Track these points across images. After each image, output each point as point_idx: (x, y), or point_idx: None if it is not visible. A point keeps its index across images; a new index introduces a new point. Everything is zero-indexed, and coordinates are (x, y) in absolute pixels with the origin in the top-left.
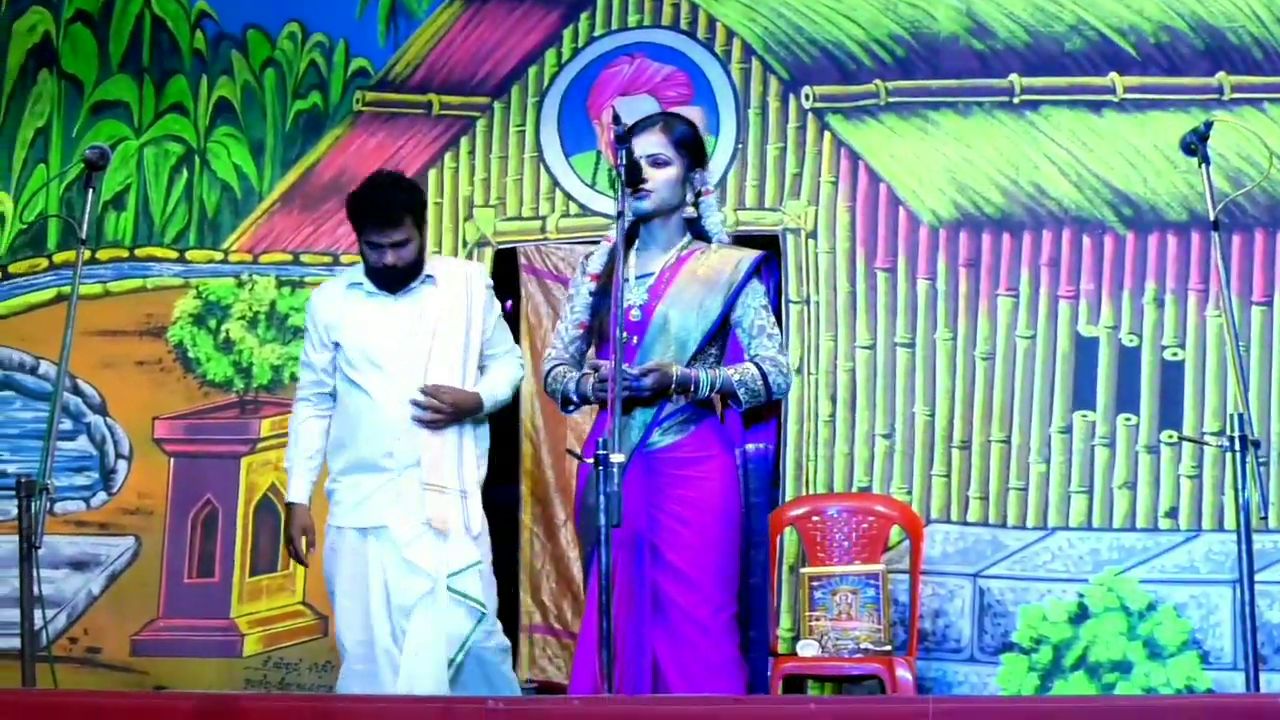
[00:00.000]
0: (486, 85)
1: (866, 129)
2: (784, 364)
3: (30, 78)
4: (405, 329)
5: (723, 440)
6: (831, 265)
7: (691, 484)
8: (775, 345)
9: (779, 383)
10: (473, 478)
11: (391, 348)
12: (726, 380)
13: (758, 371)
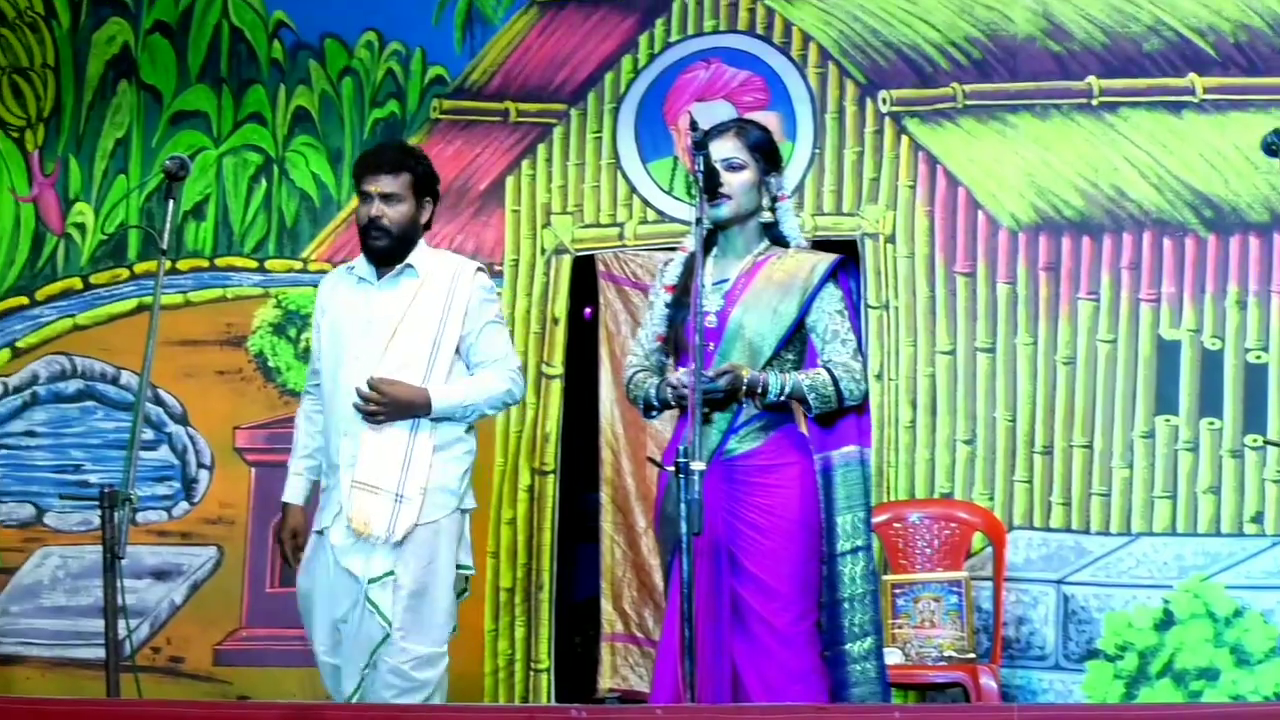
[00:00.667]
0: (563, 92)
1: (944, 132)
2: (857, 370)
3: (110, 89)
4: (374, 319)
5: (800, 447)
6: (910, 270)
7: (768, 491)
8: (849, 350)
9: (850, 389)
10: (417, 483)
11: (355, 339)
12: (797, 384)
13: (829, 377)
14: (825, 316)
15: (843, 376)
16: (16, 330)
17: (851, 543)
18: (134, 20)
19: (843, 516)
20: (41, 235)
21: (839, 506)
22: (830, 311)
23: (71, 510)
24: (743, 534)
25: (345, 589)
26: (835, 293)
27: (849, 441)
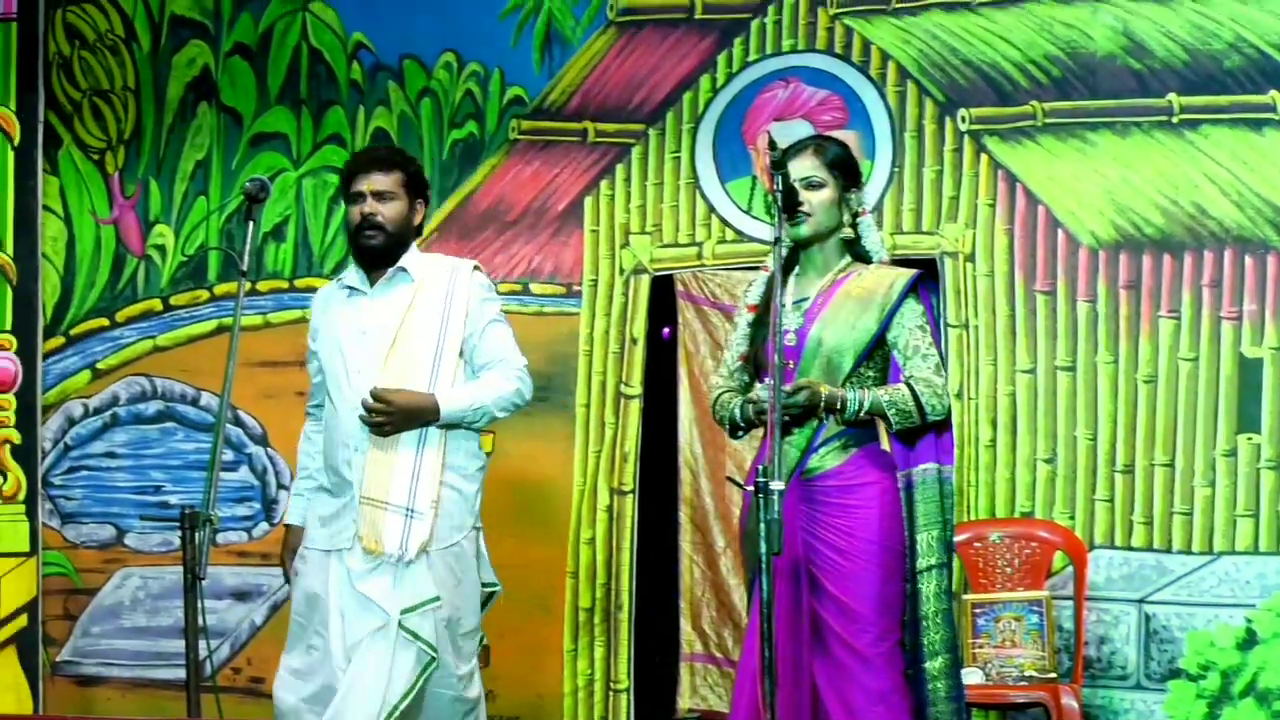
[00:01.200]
0: (642, 112)
1: (1024, 150)
2: (939, 385)
3: (190, 111)
4: (371, 329)
5: (882, 465)
6: (990, 289)
7: (847, 512)
8: (930, 365)
9: (932, 404)
10: (428, 497)
11: (353, 351)
12: (876, 400)
13: (909, 393)
14: (906, 332)
15: (924, 392)
16: (97, 351)
17: (927, 560)
18: (214, 43)
19: (922, 534)
20: (122, 257)
21: (919, 524)
22: (911, 327)
23: (152, 531)
24: (822, 554)
25: (361, 615)
26: (916, 308)
27: (927, 459)
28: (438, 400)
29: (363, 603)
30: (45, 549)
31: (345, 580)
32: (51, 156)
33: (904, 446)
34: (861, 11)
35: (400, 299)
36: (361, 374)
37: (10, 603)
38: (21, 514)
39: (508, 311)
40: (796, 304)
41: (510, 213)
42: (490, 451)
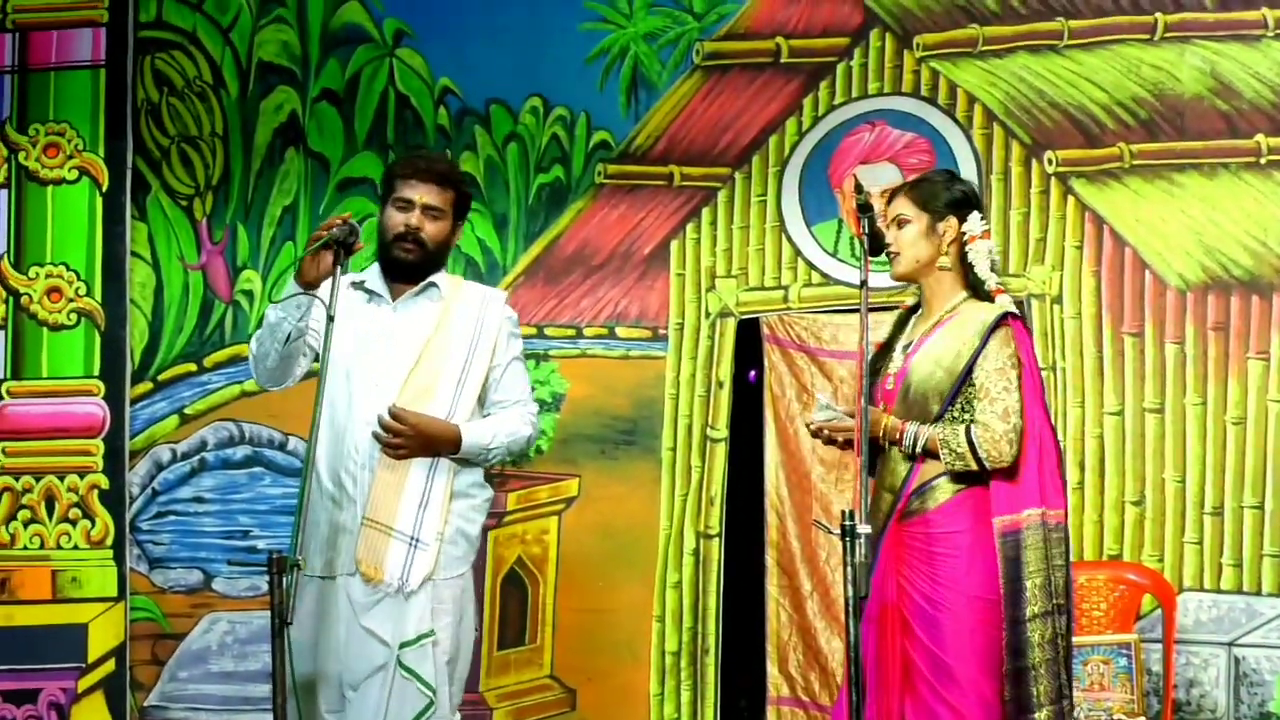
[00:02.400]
0: (727, 155)
1: (1111, 192)
2: (998, 431)
3: (278, 156)
4: (394, 342)
5: (976, 511)
6: (1078, 331)
7: (935, 559)
8: (997, 410)
9: (987, 450)
10: (433, 528)
11: (372, 360)
12: (930, 437)
13: (964, 436)
14: (984, 374)
15: (980, 437)
16: (185, 397)
17: (1033, 609)
18: (301, 89)
19: (1028, 581)
20: (210, 303)
21: (1026, 571)
22: (990, 369)
23: (240, 576)
24: (914, 601)
25: (364, 651)
26: (1002, 349)
27: (1031, 504)
28: (460, 432)
29: (363, 639)
30: (133, 594)
31: (347, 611)
32: (140, 203)
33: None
34: (948, 54)
35: (426, 316)
36: (379, 387)
37: (99, 648)
38: (110, 559)
39: (594, 356)
40: (905, 347)
41: (596, 256)
42: (576, 495)
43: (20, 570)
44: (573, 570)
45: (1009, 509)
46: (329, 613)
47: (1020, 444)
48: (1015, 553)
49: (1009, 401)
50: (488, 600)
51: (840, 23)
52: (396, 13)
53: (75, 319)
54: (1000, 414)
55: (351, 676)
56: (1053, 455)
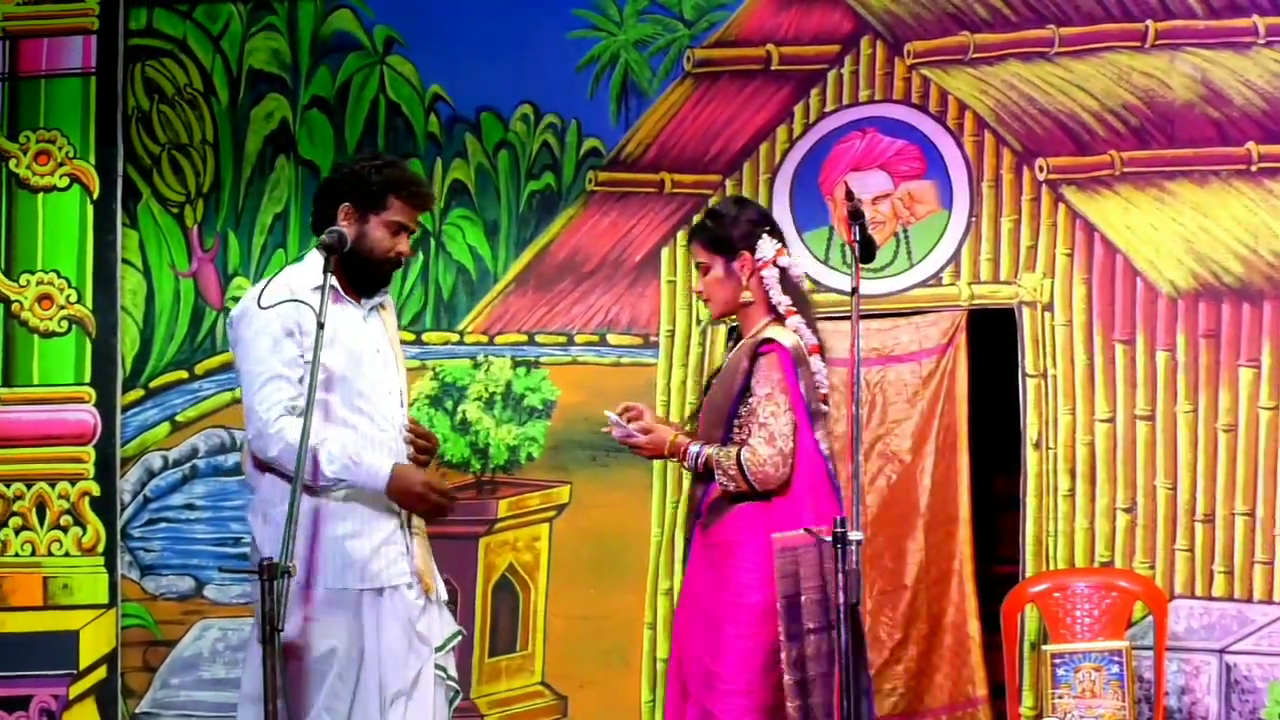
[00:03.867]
0: (718, 163)
1: (1102, 200)
2: (764, 455)
3: (268, 164)
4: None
5: (753, 526)
6: (1069, 338)
7: (717, 571)
8: (764, 435)
9: (754, 472)
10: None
11: (379, 369)
12: (708, 457)
13: (735, 458)
14: (755, 400)
15: (747, 459)
16: (176, 404)
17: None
18: (292, 96)
19: (806, 596)
20: (201, 310)
21: (803, 586)
22: (759, 395)
23: (231, 583)
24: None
25: (415, 657)
26: (769, 375)
27: (806, 523)
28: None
29: (406, 647)
30: (124, 600)
31: (391, 622)
32: (130, 210)
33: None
34: (938, 61)
35: (382, 324)
36: (391, 395)
37: (90, 654)
38: (101, 566)
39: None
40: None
41: (587, 264)
42: (567, 502)
43: (11, 577)
44: (564, 577)
45: (786, 526)
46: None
47: (788, 467)
48: (793, 568)
49: (775, 426)
50: (479, 607)
51: (831, 30)
52: (387, 20)
53: (66, 326)
54: (766, 438)
55: (400, 684)
56: (822, 474)
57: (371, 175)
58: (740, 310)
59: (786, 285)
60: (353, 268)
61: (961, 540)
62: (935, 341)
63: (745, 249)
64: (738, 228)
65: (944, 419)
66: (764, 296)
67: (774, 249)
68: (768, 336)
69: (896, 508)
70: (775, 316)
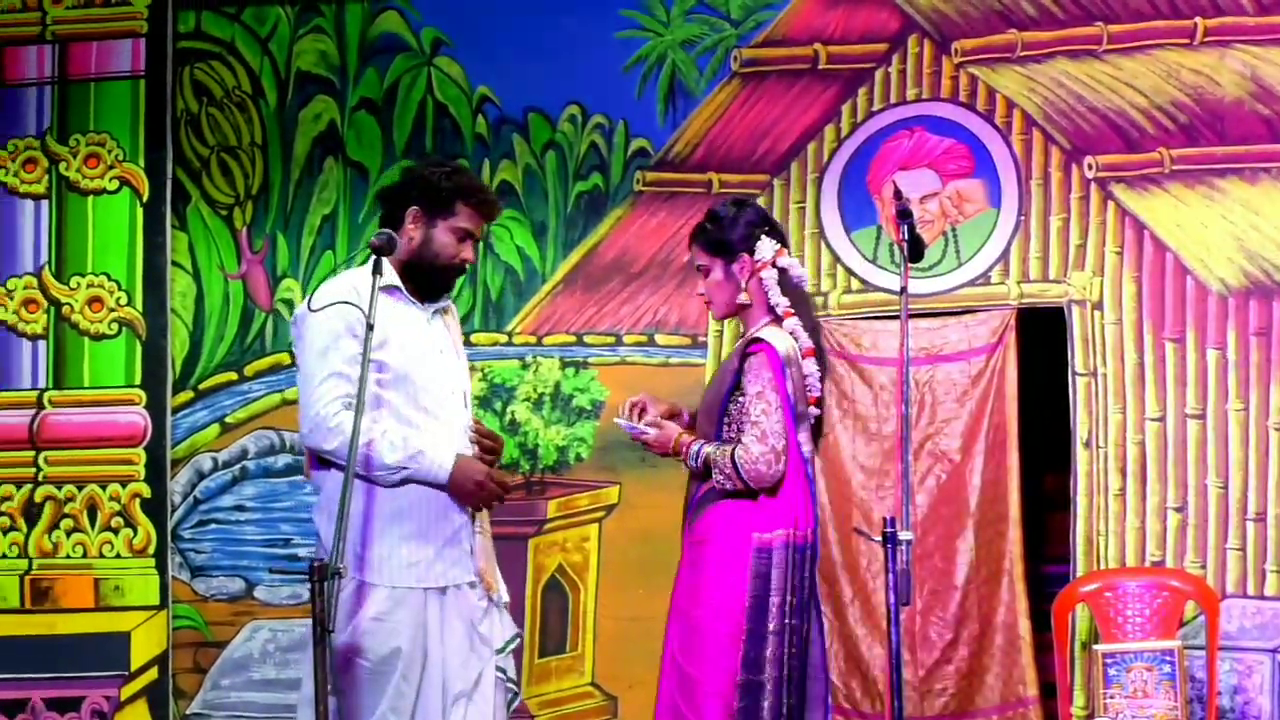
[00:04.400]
0: (766, 162)
1: (1151, 198)
2: (755, 453)
3: (316, 166)
4: (446, 350)
5: (729, 526)
6: (1118, 337)
7: (689, 566)
8: (755, 433)
9: (747, 471)
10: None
11: (442, 370)
12: (706, 456)
13: (730, 456)
14: (747, 399)
15: (740, 457)
16: (226, 405)
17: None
18: (340, 98)
19: (774, 597)
20: (250, 312)
21: (772, 586)
22: (751, 394)
23: (281, 584)
24: (676, 608)
25: (476, 658)
26: (760, 374)
27: (782, 524)
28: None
29: (468, 648)
30: (175, 602)
31: (455, 622)
32: (180, 212)
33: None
34: (986, 59)
35: (445, 328)
36: (454, 395)
37: (141, 656)
38: (151, 567)
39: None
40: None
41: (635, 264)
42: (616, 503)
43: (63, 579)
44: (613, 577)
45: (765, 526)
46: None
47: (781, 465)
48: (765, 569)
49: (766, 425)
50: (528, 608)
51: (878, 29)
52: (434, 22)
53: (116, 328)
54: (758, 437)
55: (462, 685)
56: (803, 476)
57: (441, 181)
58: (740, 312)
59: (786, 286)
60: (417, 271)
61: (1012, 540)
62: (984, 340)
63: (744, 251)
64: (736, 230)
65: (994, 418)
66: (763, 298)
67: (773, 250)
68: (758, 336)
69: (946, 507)
70: (773, 318)
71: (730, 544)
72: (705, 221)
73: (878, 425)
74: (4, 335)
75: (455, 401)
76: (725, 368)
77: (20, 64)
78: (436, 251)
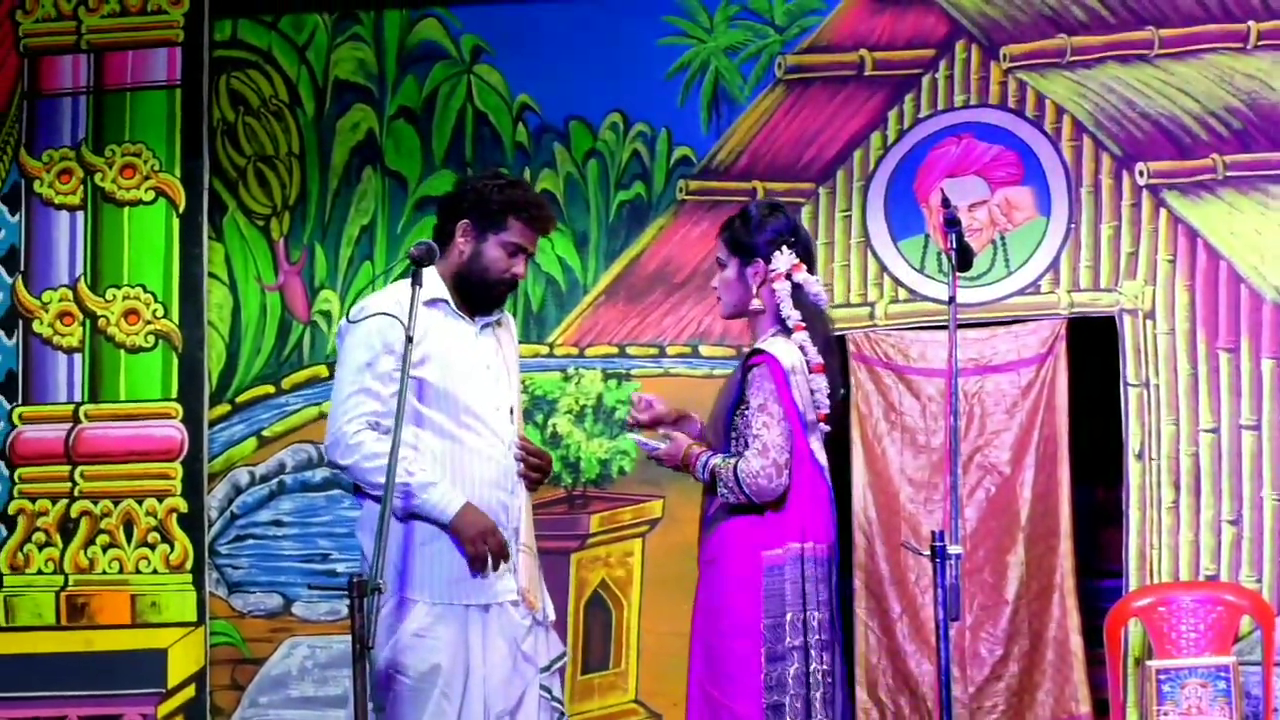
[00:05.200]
0: (811, 170)
1: (1204, 205)
2: (756, 466)
3: (354, 175)
4: (490, 366)
5: (739, 543)
6: (1171, 347)
7: (704, 588)
8: (756, 447)
9: (749, 485)
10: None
11: (487, 385)
12: (713, 469)
13: (733, 470)
14: (749, 411)
15: (742, 471)
16: (263, 419)
17: (791, 642)
18: (378, 107)
19: (789, 614)
20: (288, 323)
21: (786, 604)
22: (752, 407)
23: (319, 600)
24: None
25: (519, 677)
26: (761, 386)
27: (791, 538)
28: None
29: (511, 666)
30: (212, 618)
31: (498, 640)
32: (216, 223)
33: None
34: (1035, 65)
35: (495, 343)
36: (500, 411)
37: (179, 673)
38: (189, 583)
39: (678, 375)
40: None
41: (678, 274)
42: (660, 517)
43: (100, 595)
44: (657, 593)
45: (774, 542)
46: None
47: (784, 478)
48: (779, 587)
49: (768, 438)
50: (571, 624)
51: (925, 34)
52: (474, 29)
53: (153, 341)
54: (759, 450)
55: (506, 703)
56: (819, 489)
57: (493, 195)
58: (750, 318)
59: (800, 302)
60: (466, 285)
61: (1063, 554)
62: (1034, 351)
63: (762, 256)
64: (761, 235)
65: (1044, 430)
66: (774, 308)
67: (789, 263)
68: (760, 348)
69: (996, 521)
70: (782, 330)
71: (741, 564)
72: (736, 217)
73: (926, 437)
74: (39, 348)
75: (500, 418)
76: (730, 381)
77: (55, 74)
78: (486, 266)
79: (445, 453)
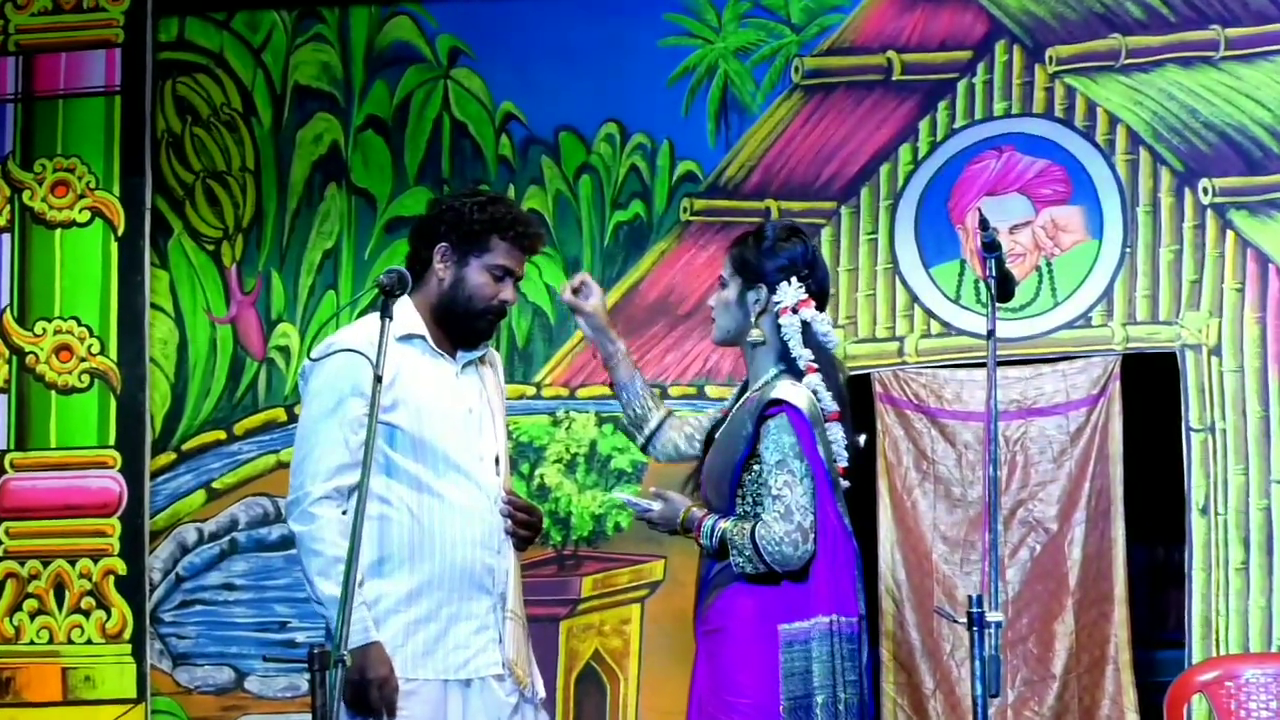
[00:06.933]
0: (832, 188)
1: (1276, 226)
2: (779, 532)
3: (317, 194)
4: (476, 409)
5: (752, 611)
6: (1239, 386)
7: (708, 660)
8: (779, 509)
9: (771, 552)
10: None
11: (468, 434)
12: (724, 534)
13: (749, 535)
14: (765, 468)
15: (762, 537)
16: (213, 469)
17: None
18: (344, 117)
19: (819, 695)
20: (240, 361)
21: (814, 684)
22: (770, 463)
23: (276, 674)
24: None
25: None
26: (781, 440)
27: (820, 610)
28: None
29: None
30: (154, 695)
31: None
32: (160, 248)
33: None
34: (1085, 69)
35: (479, 381)
36: (484, 461)
37: None
38: (128, 655)
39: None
40: (717, 424)
41: (683, 305)
42: (662, 579)
43: (26, 668)
44: (658, 666)
45: (797, 615)
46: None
47: (810, 544)
48: (804, 665)
49: (791, 499)
50: (560, 701)
51: (961, 34)
52: (452, 29)
53: (88, 381)
54: (781, 513)
55: None
56: (846, 554)
57: (473, 213)
58: (748, 350)
59: (810, 340)
60: (449, 316)
61: (1118, 622)
62: (1085, 392)
63: (767, 284)
64: (772, 259)
65: (1096, 481)
66: (778, 342)
67: (795, 298)
68: (777, 397)
69: (1042, 584)
70: (789, 370)
71: (753, 637)
72: (750, 234)
73: (962, 489)
74: None
75: (485, 470)
76: (735, 431)
77: None
78: (470, 293)
79: (421, 508)
